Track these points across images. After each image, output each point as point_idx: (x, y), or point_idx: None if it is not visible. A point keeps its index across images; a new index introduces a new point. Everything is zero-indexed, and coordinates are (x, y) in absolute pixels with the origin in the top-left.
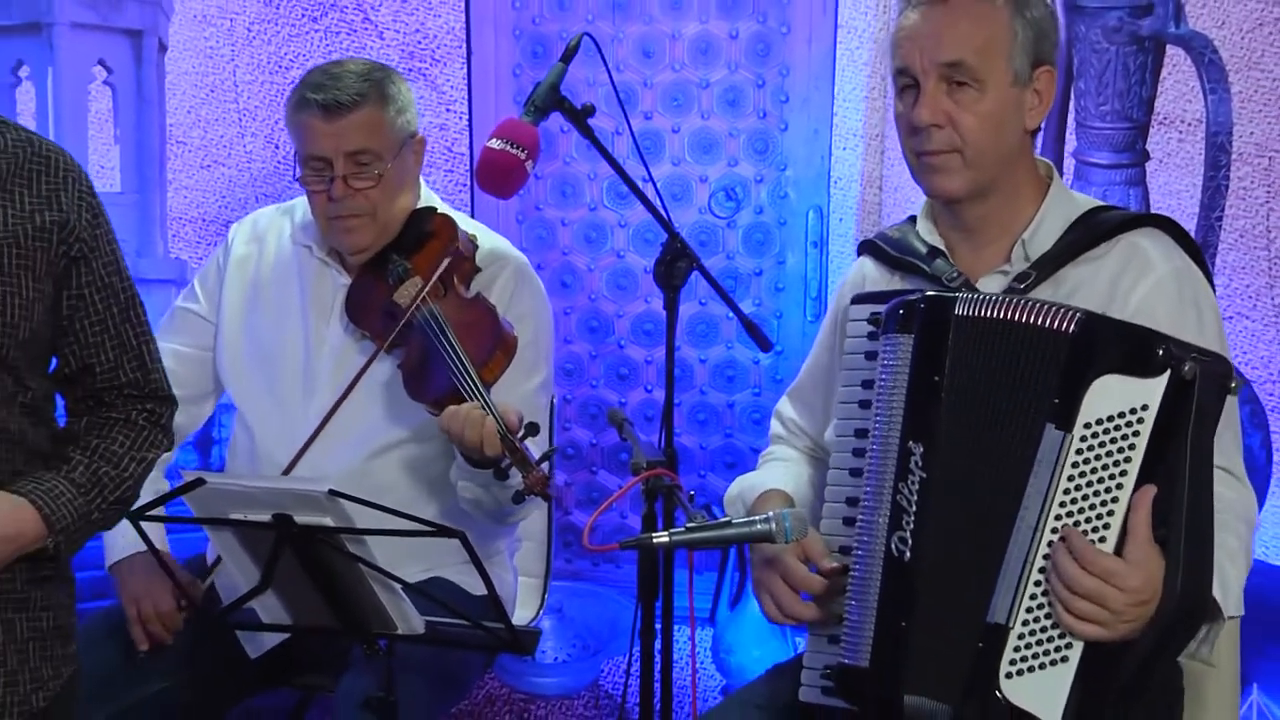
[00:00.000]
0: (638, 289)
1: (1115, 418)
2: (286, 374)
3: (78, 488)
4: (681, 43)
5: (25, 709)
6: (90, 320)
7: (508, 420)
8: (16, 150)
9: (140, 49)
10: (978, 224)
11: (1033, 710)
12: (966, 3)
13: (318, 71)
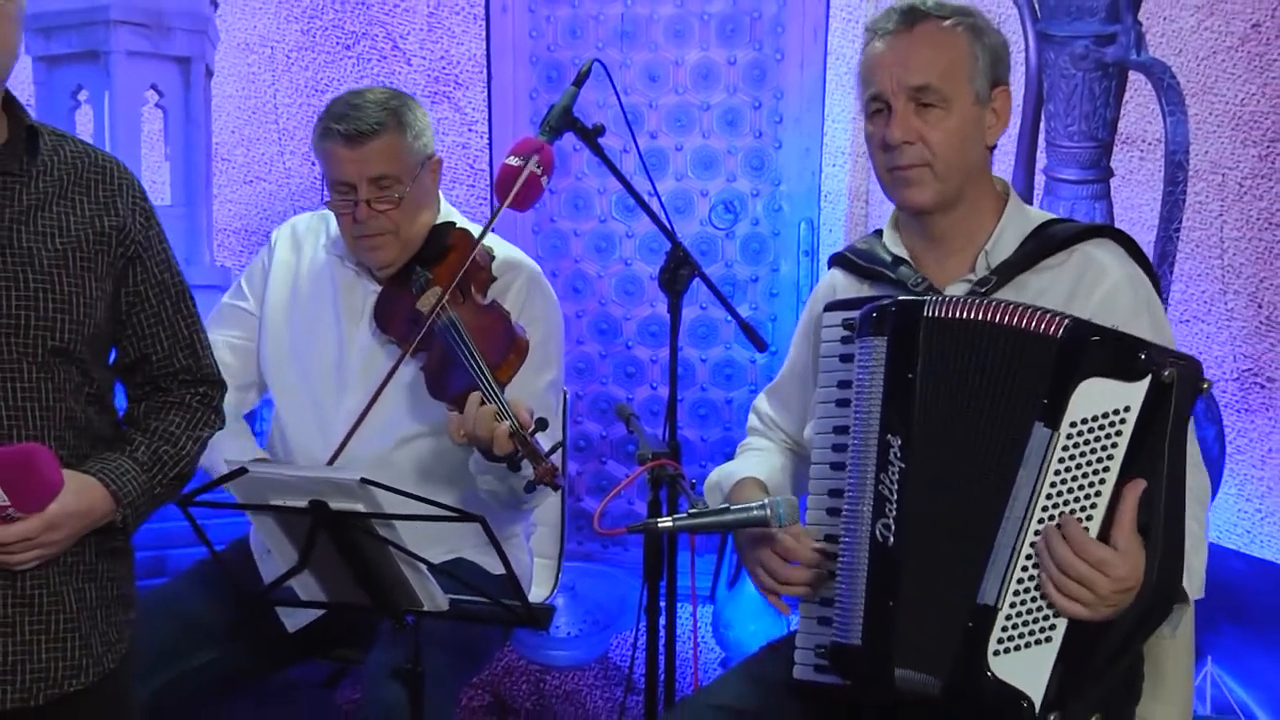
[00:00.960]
0: (644, 294)
1: (1100, 418)
2: (320, 373)
3: (141, 466)
4: (684, 68)
5: (99, 669)
6: (146, 314)
7: (519, 416)
8: (75, 161)
9: (189, 75)
10: (943, 235)
11: (1018, 685)
12: (929, 31)
13: (340, 102)
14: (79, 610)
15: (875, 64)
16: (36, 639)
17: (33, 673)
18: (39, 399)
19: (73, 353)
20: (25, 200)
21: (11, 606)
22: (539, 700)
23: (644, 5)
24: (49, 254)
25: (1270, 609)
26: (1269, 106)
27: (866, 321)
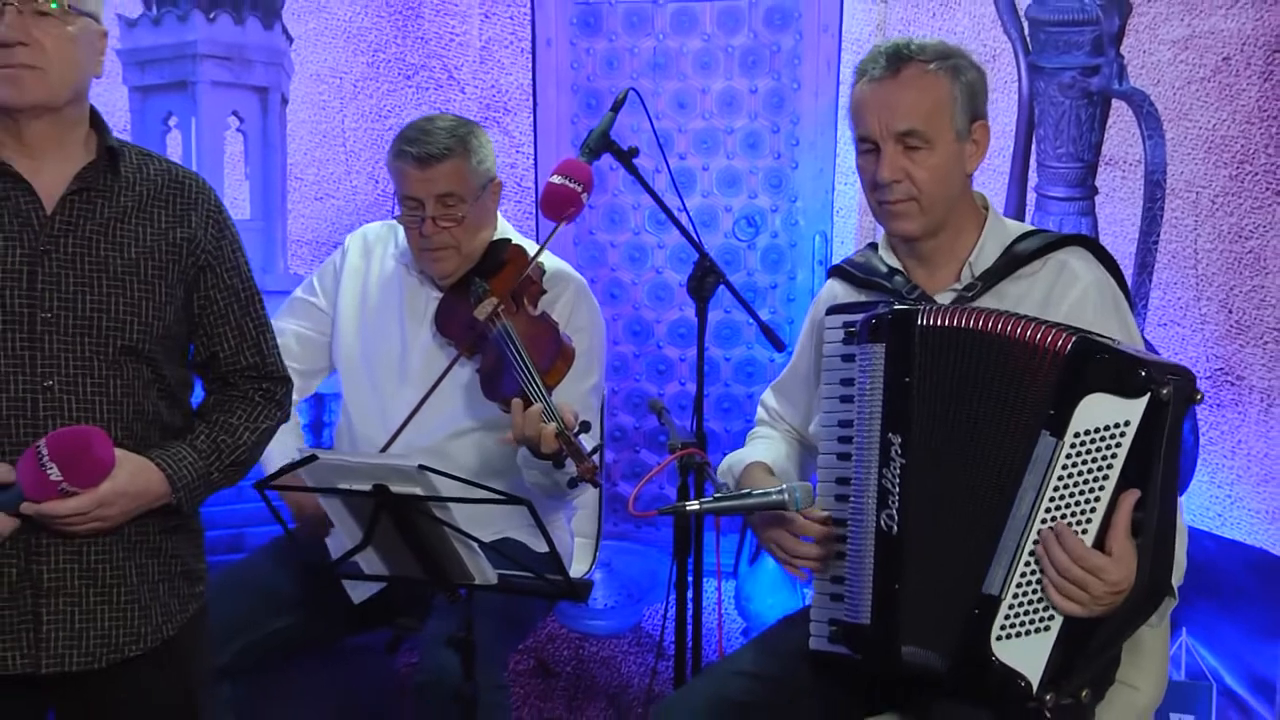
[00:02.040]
0: (673, 299)
1: (1101, 430)
2: (384, 369)
3: (198, 453)
4: (710, 96)
5: (157, 636)
6: (215, 316)
7: (565, 418)
8: (157, 177)
9: (266, 102)
10: (930, 254)
11: (1018, 667)
12: (912, 76)
13: (414, 127)
14: (140, 583)
15: (864, 107)
16: (100, 608)
17: (96, 638)
18: (107, 393)
19: (142, 351)
20: (105, 213)
21: (78, 578)
22: (578, 665)
23: (674, 39)
24: (123, 262)
25: (1238, 585)
26: (1238, 131)
27: (866, 329)
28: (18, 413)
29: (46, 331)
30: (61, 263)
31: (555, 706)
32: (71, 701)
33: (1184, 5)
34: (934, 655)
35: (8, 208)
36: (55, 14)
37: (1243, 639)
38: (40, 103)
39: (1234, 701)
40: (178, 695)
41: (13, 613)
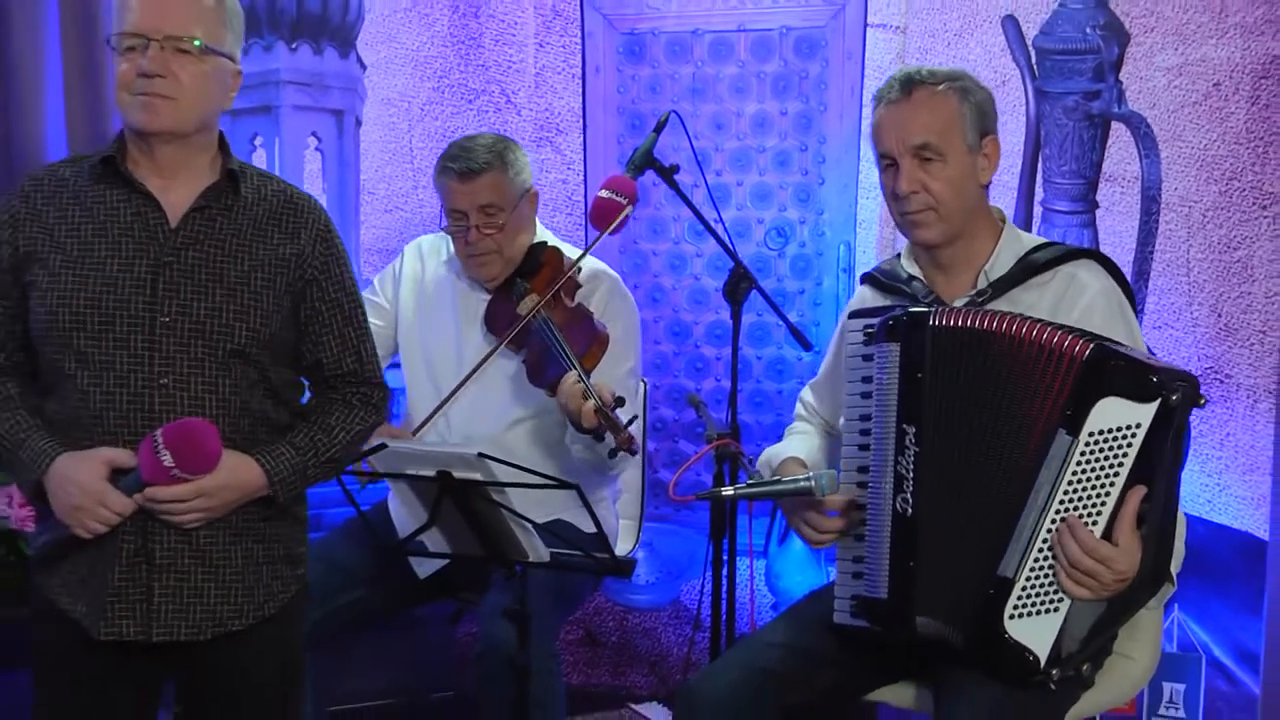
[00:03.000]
0: (710, 303)
1: (1113, 431)
2: (442, 366)
3: (296, 449)
4: (744, 118)
5: (259, 614)
6: (319, 326)
7: (602, 396)
8: (273, 198)
9: (342, 124)
10: (949, 262)
11: (1028, 644)
12: (924, 97)
13: (455, 145)
14: (244, 564)
15: (882, 127)
16: (206, 585)
17: (202, 612)
18: (216, 391)
19: (249, 354)
20: (224, 230)
21: (187, 557)
22: (623, 635)
23: (711, 66)
24: (236, 274)
25: (1226, 564)
26: (1227, 151)
27: (882, 330)
28: (137, 406)
29: (164, 334)
30: (181, 272)
31: (602, 673)
32: (183, 669)
33: (1178, 35)
34: (945, 626)
35: (138, 221)
36: (194, 52)
37: (1230, 614)
38: (170, 130)
39: (1221, 672)
40: (277, 667)
41: (128, 585)
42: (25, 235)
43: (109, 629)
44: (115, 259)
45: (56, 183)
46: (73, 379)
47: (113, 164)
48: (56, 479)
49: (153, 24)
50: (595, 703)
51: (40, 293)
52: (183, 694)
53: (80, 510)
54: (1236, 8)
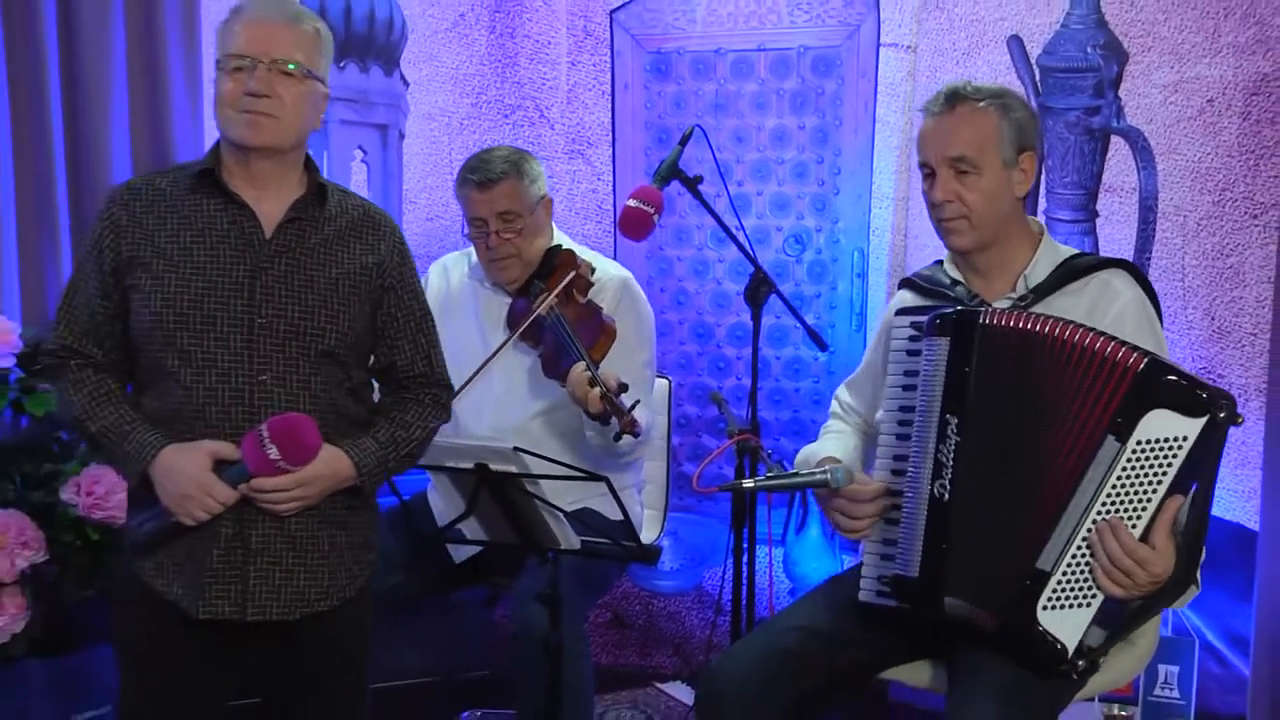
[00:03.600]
0: (731, 306)
1: (1160, 441)
2: (469, 365)
3: (380, 444)
4: (764, 132)
5: (342, 595)
6: (394, 331)
7: (608, 383)
8: (354, 211)
9: (386, 138)
10: (985, 267)
11: (1058, 635)
12: (965, 112)
13: (474, 158)
14: (330, 550)
15: (924, 138)
16: (297, 569)
17: (292, 593)
18: (309, 388)
19: (337, 355)
20: (313, 240)
21: (280, 543)
22: (648, 618)
23: (733, 83)
24: (325, 281)
25: (1218, 554)
26: (1220, 163)
27: (932, 325)
28: (237, 401)
29: (262, 334)
30: (276, 278)
31: (629, 654)
32: (270, 646)
33: (1173, 54)
34: (972, 608)
35: (234, 230)
36: (295, 75)
37: (1222, 601)
38: (271, 145)
39: (1214, 655)
40: (355, 642)
41: (225, 568)
42: (128, 241)
43: (207, 608)
44: (214, 264)
45: (154, 192)
46: (175, 376)
47: (210, 175)
48: (162, 469)
49: (262, 48)
50: (622, 682)
51: (144, 295)
52: (267, 671)
53: (189, 499)
54: (1229, 29)
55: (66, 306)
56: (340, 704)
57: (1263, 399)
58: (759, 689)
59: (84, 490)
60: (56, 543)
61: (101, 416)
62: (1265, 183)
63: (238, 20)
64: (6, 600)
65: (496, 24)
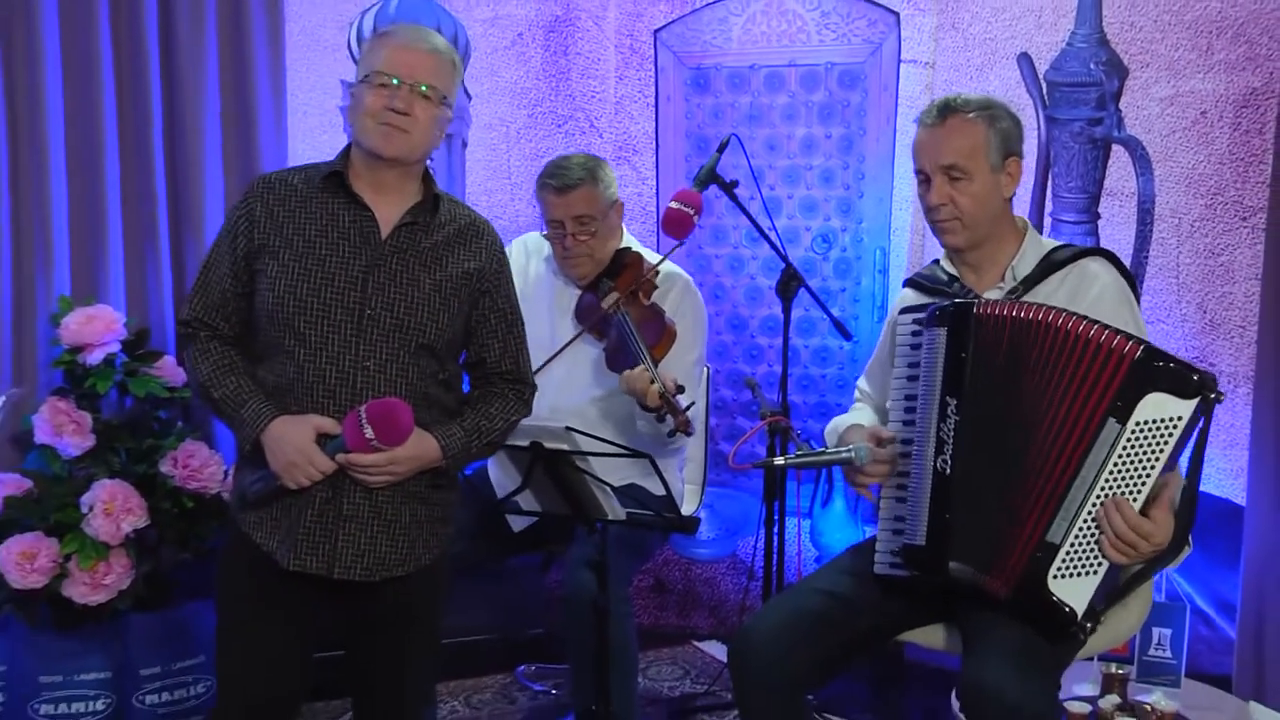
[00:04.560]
0: (764, 300)
1: (1157, 422)
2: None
3: (465, 432)
4: (794, 140)
5: (418, 563)
6: (486, 330)
7: (666, 382)
8: (461, 220)
9: (451, 145)
10: (977, 262)
11: (1068, 601)
12: (956, 123)
13: (553, 164)
14: (411, 522)
15: (919, 147)
16: (380, 537)
17: (374, 559)
18: (407, 377)
19: (434, 349)
20: (424, 243)
21: (368, 512)
22: (687, 583)
23: (766, 96)
24: (430, 282)
25: (1207, 527)
26: (1212, 170)
27: (931, 317)
28: (343, 382)
29: (369, 325)
30: (387, 275)
31: (668, 615)
32: (353, 605)
33: (1170, 70)
34: (976, 572)
35: (354, 228)
36: (430, 98)
37: (1211, 570)
38: (401, 156)
39: (1203, 619)
40: (429, 607)
41: (316, 528)
42: (261, 230)
43: (297, 561)
44: (334, 257)
45: (287, 188)
46: (290, 354)
47: (339, 178)
48: (273, 437)
49: (406, 71)
50: (663, 640)
51: (269, 280)
52: (350, 627)
53: (294, 466)
54: (1220, 47)
55: (201, 283)
56: (412, 661)
57: (1250, 385)
58: (786, 647)
59: (180, 464)
60: (157, 510)
61: (224, 385)
62: (1253, 188)
63: (387, 43)
64: (114, 561)
65: (551, 42)
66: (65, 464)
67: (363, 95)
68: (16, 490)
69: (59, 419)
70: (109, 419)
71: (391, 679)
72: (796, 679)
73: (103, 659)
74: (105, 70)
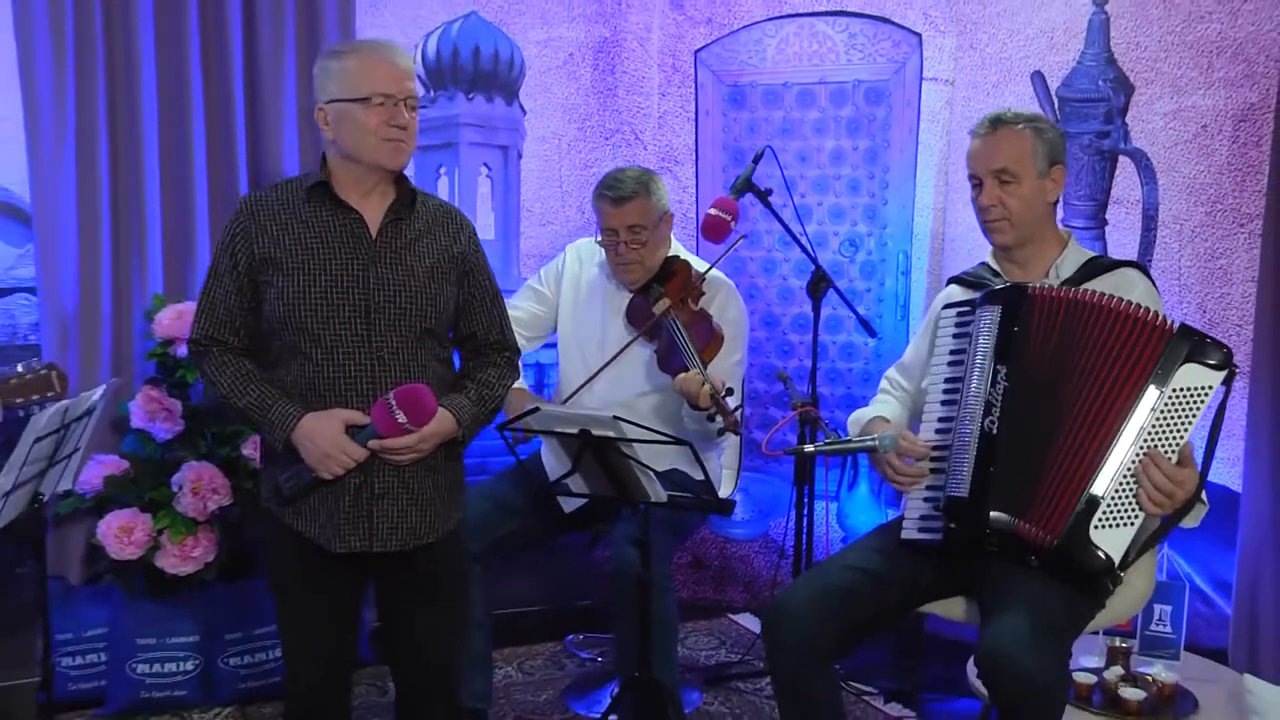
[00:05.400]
0: (795, 299)
1: (1191, 389)
2: (589, 348)
3: (473, 402)
4: (824, 152)
5: (444, 529)
6: (474, 306)
7: (715, 384)
8: (436, 211)
9: (507, 157)
10: (1023, 260)
11: (1107, 549)
12: (1006, 133)
13: (609, 175)
14: (435, 493)
15: (973, 154)
16: (410, 509)
17: (407, 529)
18: (417, 360)
19: (435, 331)
20: (408, 234)
21: (398, 489)
22: (723, 561)
23: (798, 111)
24: (423, 270)
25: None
26: (1212, 180)
27: (985, 299)
28: (362, 373)
29: (377, 317)
30: (385, 269)
31: (706, 589)
32: (386, 573)
33: (1173, 87)
34: (1011, 519)
35: (346, 232)
36: (412, 105)
37: (1209, 551)
38: (401, 166)
39: (1201, 597)
40: (457, 569)
41: (354, 510)
42: (260, 245)
43: (342, 544)
44: (334, 260)
45: (272, 204)
46: (308, 355)
47: (325, 188)
48: (304, 434)
49: (399, 87)
50: (700, 613)
51: (277, 289)
52: (389, 592)
53: (329, 458)
54: (1221, 65)
55: (205, 303)
56: (448, 614)
57: (1247, 379)
58: (815, 619)
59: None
60: (239, 490)
61: (246, 393)
62: (1251, 196)
63: (374, 62)
64: (201, 535)
65: (599, 62)
66: (157, 447)
67: (358, 114)
68: (115, 470)
69: (152, 406)
70: (196, 406)
71: (429, 639)
72: (825, 648)
73: (191, 624)
74: (194, 88)
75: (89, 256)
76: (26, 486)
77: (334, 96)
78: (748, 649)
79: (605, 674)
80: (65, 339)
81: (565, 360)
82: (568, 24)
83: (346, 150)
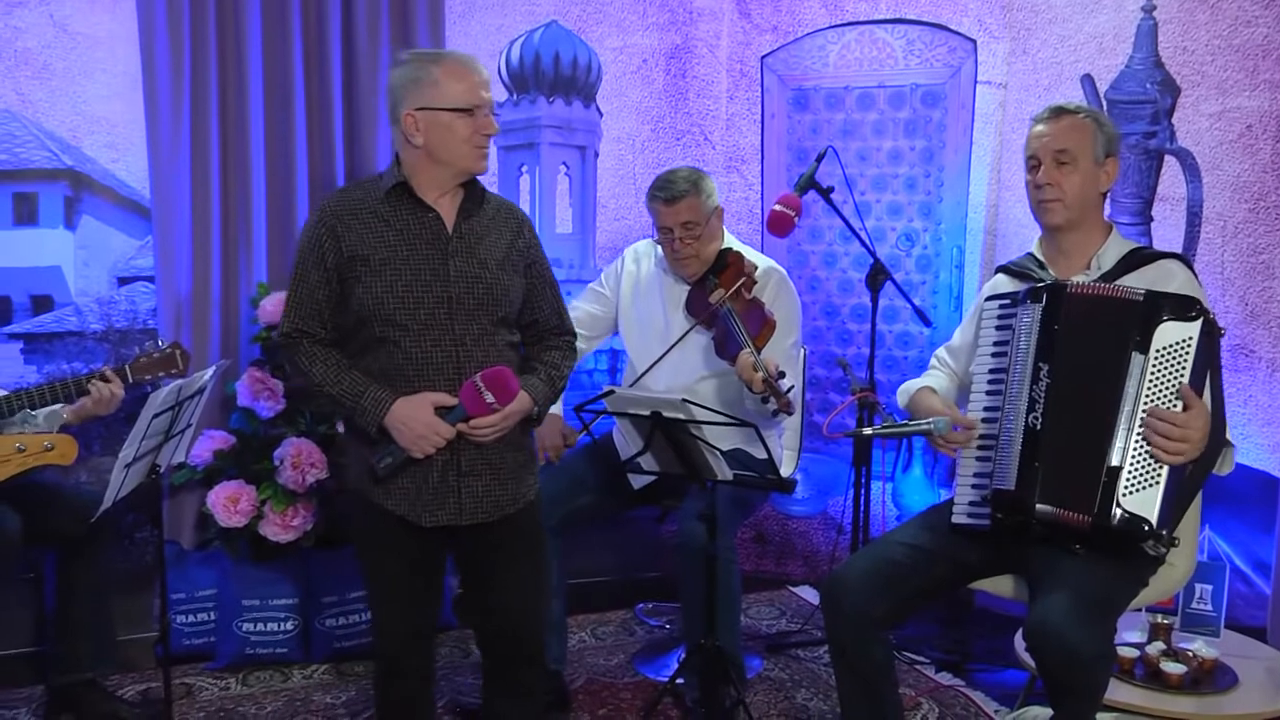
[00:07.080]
0: (854, 290)
1: (1173, 345)
2: (652, 337)
3: (544, 382)
4: (882, 152)
5: (524, 500)
6: (537, 295)
7: (769, 368)
8: (499, 205)
9: (584, 156)
10: (1069, 247)
11: (1142, 514)
12: (1068, 120)
13: (661, 177)
14: (514, 466)
15: (1034, 137)
16: (492, 483)
17: (491, 502)
18: (495, 345)
19: (508, 319)
20: (479, 227)
21: (481, 465)
22: (784, 536)
23: (858, 113)
24: (495, 261)
25: (1247, 495)
26: (1255, 178)
27: (1027, 295)
28: (447, 359)
29: (458, 307)
30: (462, 262)
31: (767, 563)
32: (468, 543)
33: (1218, 89)
34: (1057, 510)
35: (426, 229)
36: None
37: (1248, 533)
38: (484, 171)
39: (1241, 577)
40: (536, 537)
41: (443, 487)
42: (346, 243)
43: (431, 518)
44: (415, 255)
45: (353, 202)
46: (397, 344)
47: (404, 188)
48: (397, 417)
49: (485, 98)
50: (762, 585)
51: (365, 284)
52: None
53: (422, 438)
54: (1266, 68)
55: (294, 299)
56: (531, 579)
57: None
58: (870, 592)
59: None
60: (335, 464)
61: (338, 382)
62: None
63: (467, 76)
64: (300, 506)
65: (671, 67)
66: (261, 423)
67: (456, 123)
68: (223, 445)
69: (256, 386)
70: (296, 386)
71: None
72: (880, 619)
73: (291, 587)
74: (297, 92)
75: (201, 248)
76: (145, 459)
77: (428, 104)
78: (806, 619)
79: (672, 640)
80: (179, 323)
81: (631, 350)
82: (642, 32)
83: (436, 154)
